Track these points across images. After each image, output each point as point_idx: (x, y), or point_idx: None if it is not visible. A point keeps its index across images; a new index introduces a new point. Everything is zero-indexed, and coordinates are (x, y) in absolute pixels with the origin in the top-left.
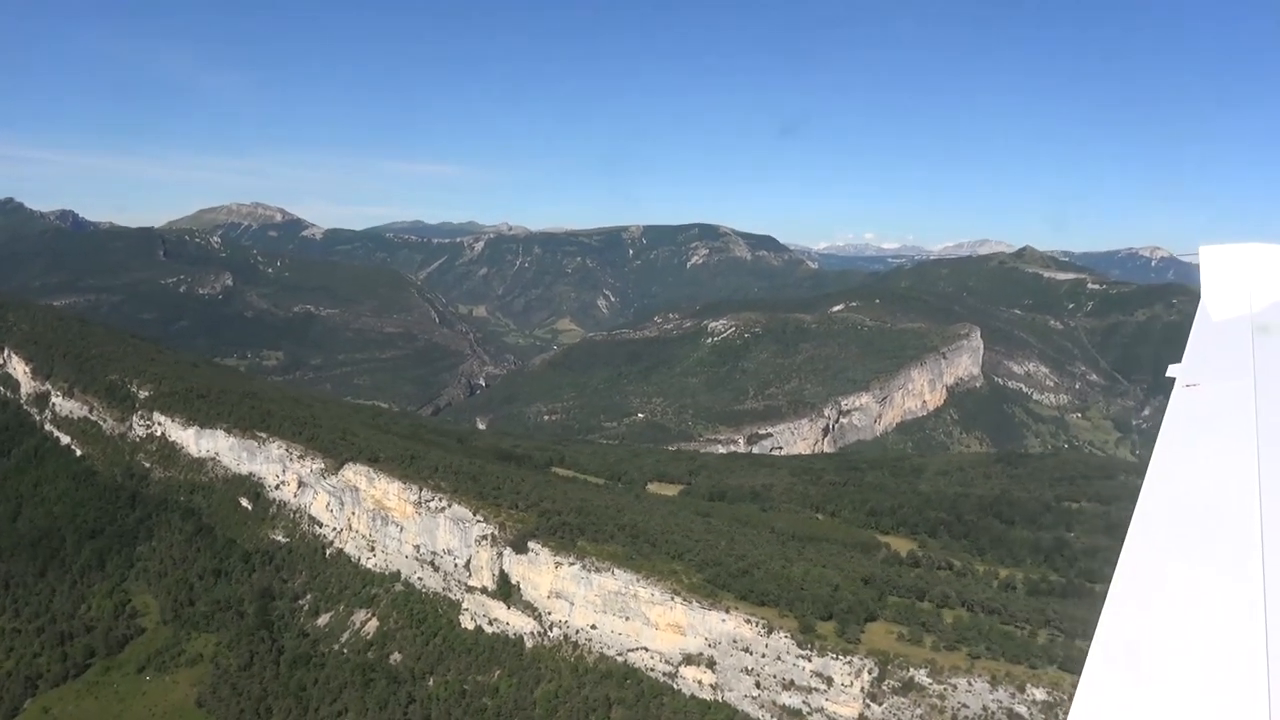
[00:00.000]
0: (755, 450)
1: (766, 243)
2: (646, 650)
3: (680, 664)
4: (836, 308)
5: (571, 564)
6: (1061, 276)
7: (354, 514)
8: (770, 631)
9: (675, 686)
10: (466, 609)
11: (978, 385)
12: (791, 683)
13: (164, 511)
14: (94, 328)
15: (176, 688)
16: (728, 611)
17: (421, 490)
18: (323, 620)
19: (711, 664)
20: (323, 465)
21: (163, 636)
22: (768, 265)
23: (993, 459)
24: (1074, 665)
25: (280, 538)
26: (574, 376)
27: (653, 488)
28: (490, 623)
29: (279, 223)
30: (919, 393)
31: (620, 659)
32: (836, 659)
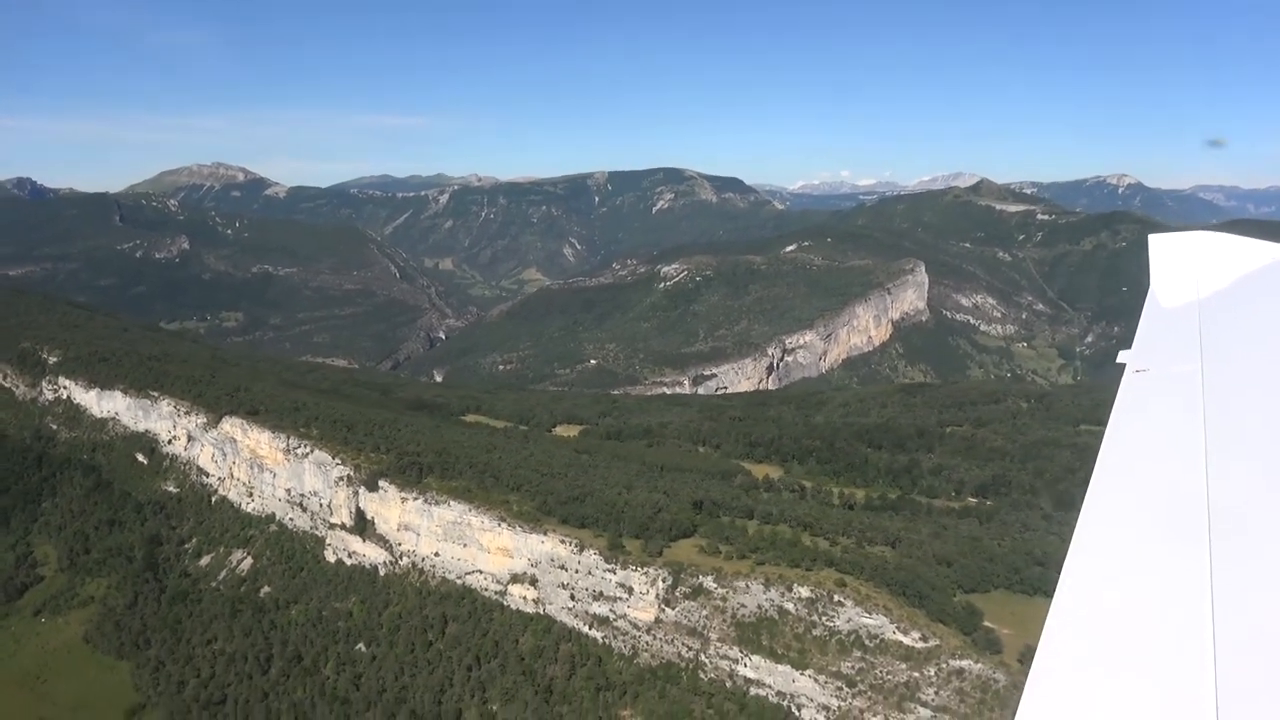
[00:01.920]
0: (700, 391)
1: (732, 185)
2: (481, 572)
3: (509, 583)
4: (789, 248)
5: (415, 498)
6: (1013, 209)
7: (234, 463)
8: (582, 549)
9: (505, 603)
10: (329, 544)
11: (923, 319)
12: (601, 594)
13: (67, 469)
14: (27, 297)
15: (68, 627)
16: (546, 534)
17: (289, 439)
18: (204, 561)
19: (534, 581)
20: (205, 420)
21: (59, 583)
22: (734, 207)
23: (895, 390)
24: (849, 566)
25: (171, 488)
26: (530, 326)
27: (560, 430)
28: (349, 555)
29: (241, 182)
30: (864, 329)
31: (459, 581)
32: (636, 571)
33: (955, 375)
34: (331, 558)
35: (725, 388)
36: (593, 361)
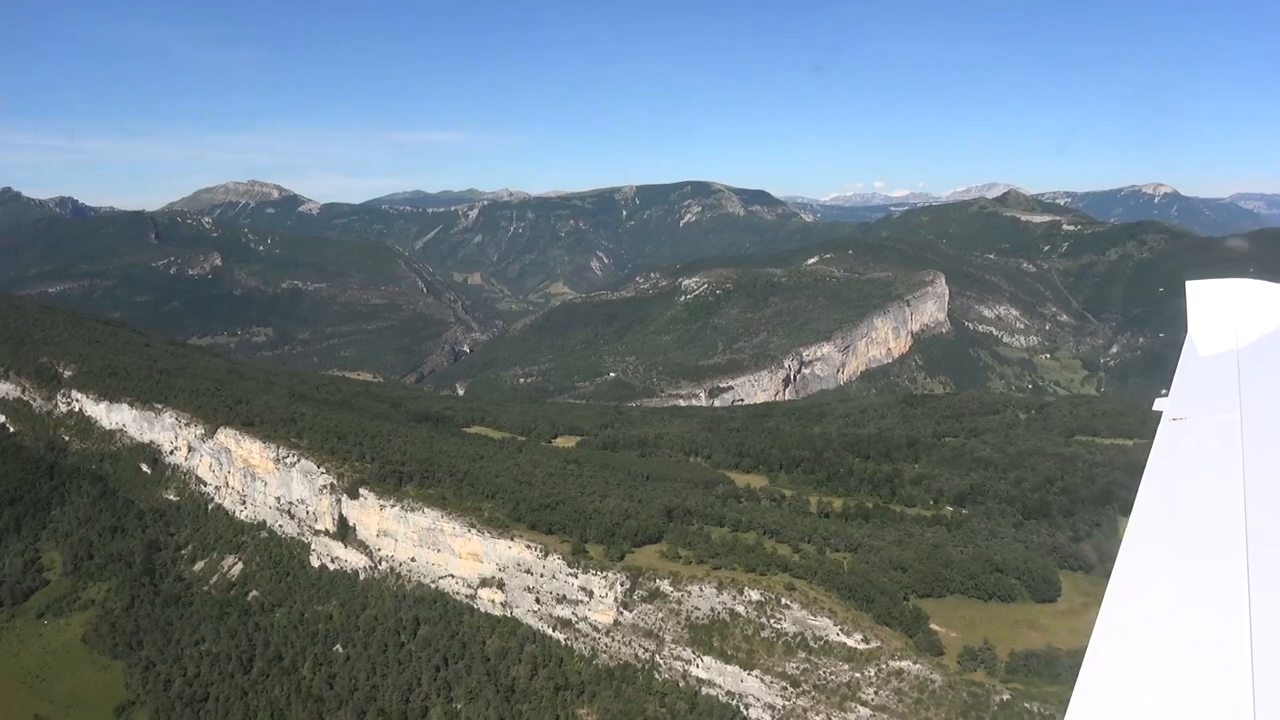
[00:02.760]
0: (717, 403)
1: (760, 198)
2: (453, 577)
3: (478, 586)
4: (811, 261)
5: (393, 505)
6: (1038, 219)
7: (229, 473)
8: (547, 554)
9: (474, 606)
10: (314, 550)
11: (944, 330)
12: (563, 597)
13: (76, 479)
14: (54, 312)
15: (68, 629)
16: (513, 539)
17: (279, 448)
18: (198, 566)
19: (501, 585)
20: (203, 431)
21: (63, 587)
22: (761, 220)
23: (896, 401)
24: (804, 571)
25: (172, 497)
26: (552, 339)
27: (560, 441)
28: (332, 560)
29: (276, 199)
30: (883, 340)
31: (433, 585)
32: (596, 575)
33: (975, 387)
34: (316, 563)
35: (741, 400)
36: (612, 374)
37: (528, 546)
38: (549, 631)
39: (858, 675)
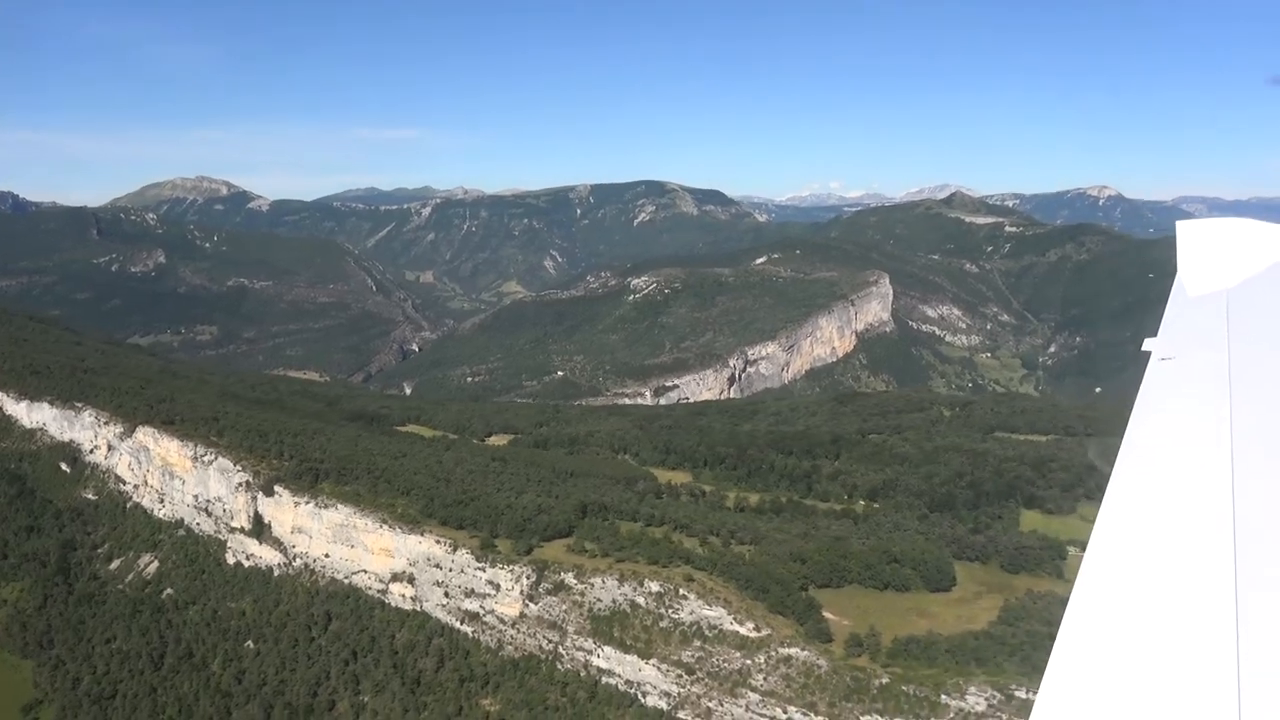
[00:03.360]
0: (662, 401)
1: (714, 197)
2: (365, 572)
3: (390, 581)
4: (759, 261)
5: (307, 502)
6: (982, 220)
7: (148, 471)
8: (455, 549)
9: (386, 600)
10: (230, 547)
11: (888, 330)
12: (472, 590)
13: None
14: None
15: None
16: (424, 534)
17: (197, 446)
18: (114, 565)
19: (412, 580)
20: (122, 429)
21: None
22: (714, 219)
23: (828, 399)
24: (705, 563)
25: (90, 495)
26: (501, 338)
27: (493, 439)
28: (247, 558)
29: (224, 196)
30: (828, 339)
31: (346, 580)
32: (503, 569)
33: (916, 385)
34: (231, 560)
35: (686, 399)
36: (560, 373)
37: (437, 541)
38: (457, 624)
39: (748, 662)
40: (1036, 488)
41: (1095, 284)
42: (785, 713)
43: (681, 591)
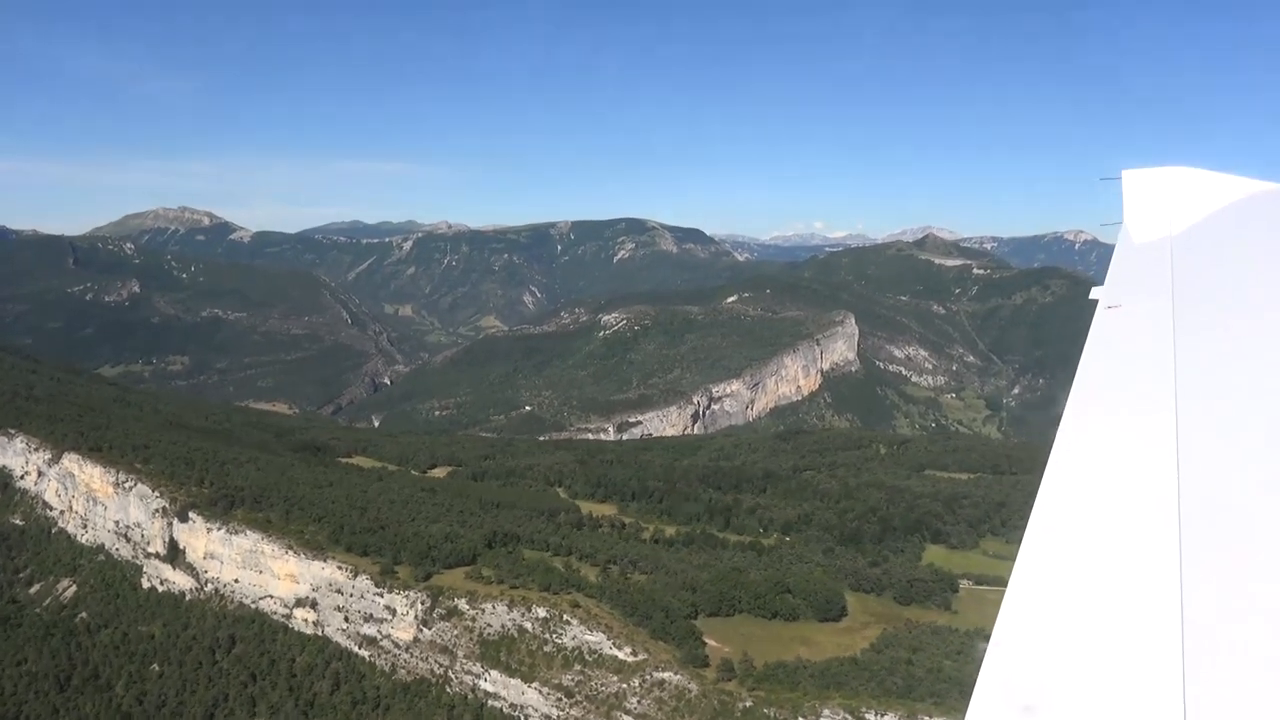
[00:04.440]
0: (625, 437)
1: (693, 236)
2: (272, 597)
3: (294, 606)
4: (730, 299)
5: (219, 529)
6: (950, 263)
7: (74, 497)
8: (356, 575)
9: (289, 625)
10: (146, 572)
11: (853, 369)
12: (370, 615)
13: None
14: None
15: None
16: (326, 561)
17: (119, 473)
18: (34, 589)
19: (315, 604)
20: (50, 455)
21: None
22: (694, 258)
23: (773, 436)
24: (596, 591)
25: (18, 521)
26: (472, 372)
27: (436, 471)
28: (161, 583)
29: (206, 226)
30: (793, 378)
31: (254, 605)
32: (399, 594)
33: (882, 425)
34: (146, 584)
35: (649, 435)
36: (527, 408)
37: (339, 567)
38: (355, 648)
39: (624, 685)
40: (944, 523)
41: (1059, 326)
42: None
43: (565, 617)
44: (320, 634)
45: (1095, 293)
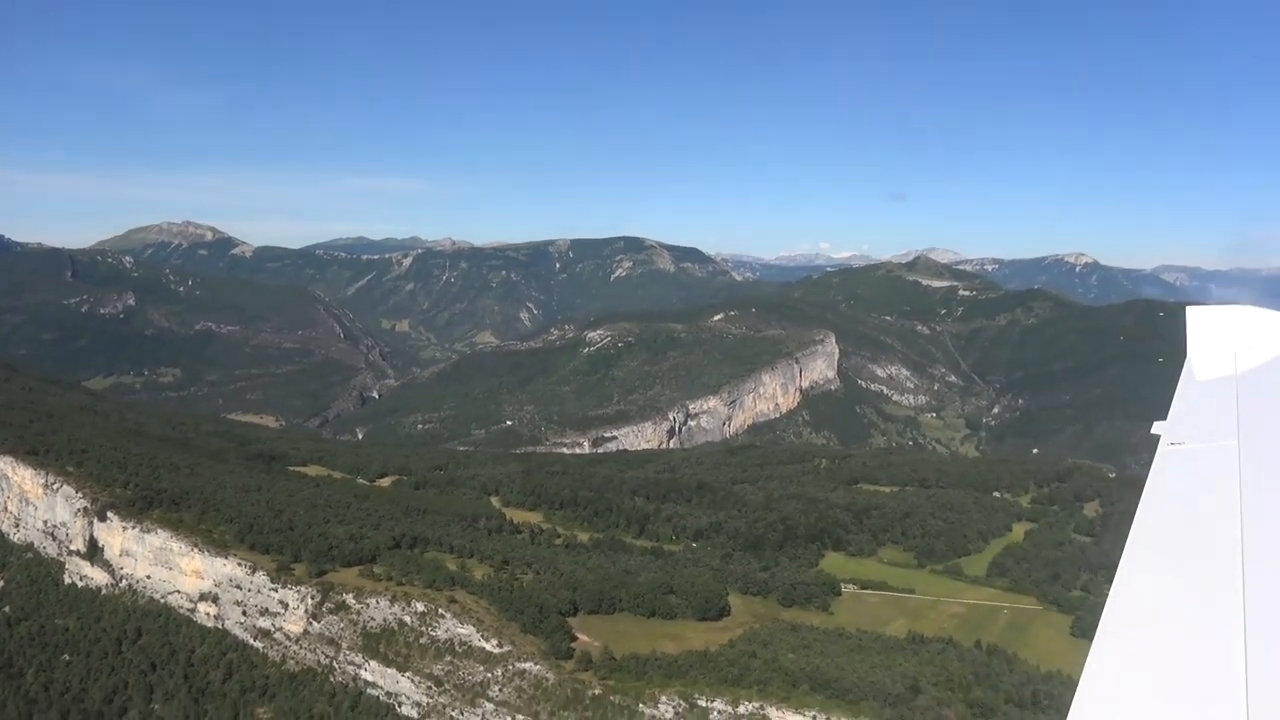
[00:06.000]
0: (600, 452)
1: (691, 255)
2: (179, 592)
3: (198, 600)
4: (716, 318)
5: (133, 527)
6: (937, 284)
7: (8, 498)
8: (254, 571)
9: (193, 619)
10: (68, 569)
11: (833, 388)
12: (265, 609)
13: None
14: None
15: None
16: (228, 557)
17: (48, 475)
18: None
19: (216, 599)
20: None
21: None
22: (691, 277)
23: (723, 450)
24: (478, 588)
25: None
26: (458, 387)
27: (384, 480)
28: (81, 579)
29: (209, 241)
30: (771, 395)
31: (162, 600)
32: (292, 589)
33: (858, 443)
34: (68, 580)
35: (625, 450)
36: (508, 422)
37: (239, 564)
38: (250, 640)
39: (489, 675)
40: (848, 532)
41: (1040, 348)
42: None
43: (441, 611)
44: (220, 627)
45: (1157, 427)
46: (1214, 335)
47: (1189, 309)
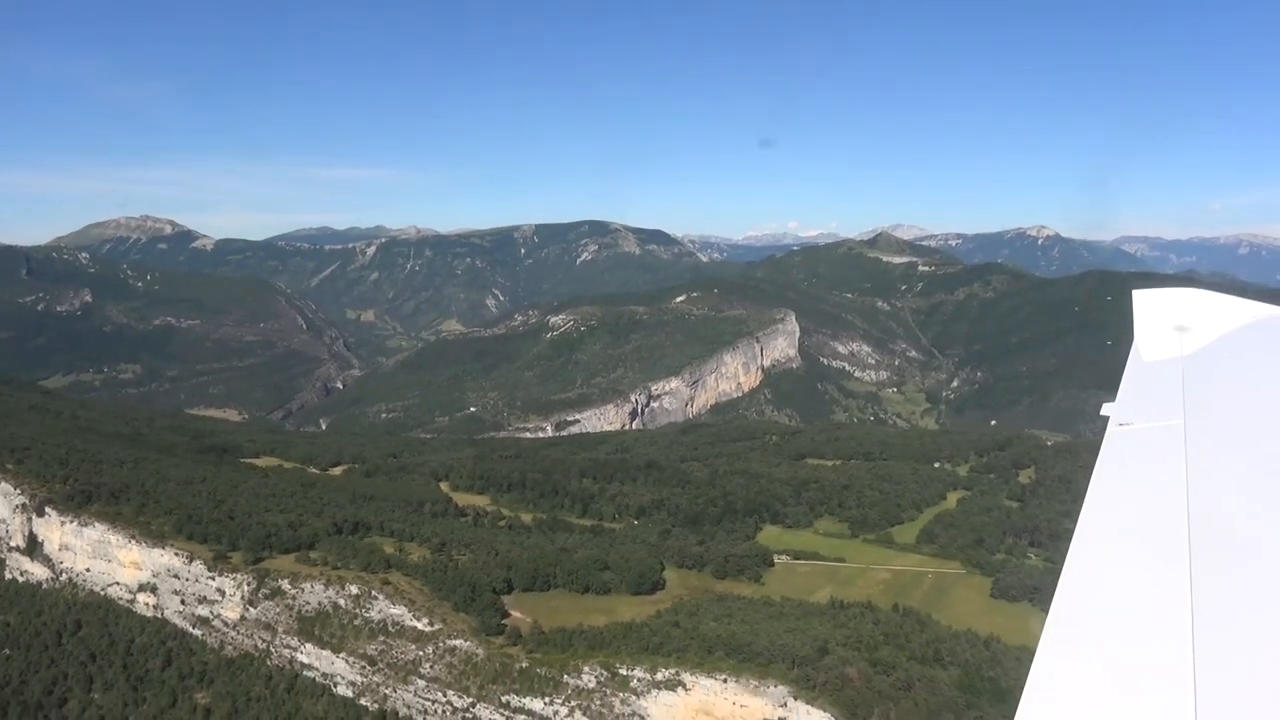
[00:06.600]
0: (562, 435)
1: (657, 237)
2: (118, 584)
3: (137, 591)
4: (678, 299)
5: (71, 521)
6: (897, 260)
7: None
8: (191, 561)
9: (132, 609)
10: (9, 565)
11: (794, 366)
12: (204, 598)
13: None
14: None
15: None
16: (165, 548)
17: None
18: None
19: (155, 589)
20: None
21: None
22: (656, 259)
23: (675, 430)
24: (412, 569)
25: None
26: (422, 375)
27: (337, 469)
28: (22, 574)
29: (168, 235)
30: (733, 375)
31: (102, 592)
32: (229, 577)
33: (820, 419)
34: (9, 576)
35: (587, 433)
36: (471, 409)
37: (177, 554)
38: (189, 628)
39: (420, 653)
40: (785, 505)
41: (997, 321)
42: (445, 696)
43: (374, 593)
44: (160, 616)
45: (1106, 409)
46: (1160, 317)
47: (1135, 293)
